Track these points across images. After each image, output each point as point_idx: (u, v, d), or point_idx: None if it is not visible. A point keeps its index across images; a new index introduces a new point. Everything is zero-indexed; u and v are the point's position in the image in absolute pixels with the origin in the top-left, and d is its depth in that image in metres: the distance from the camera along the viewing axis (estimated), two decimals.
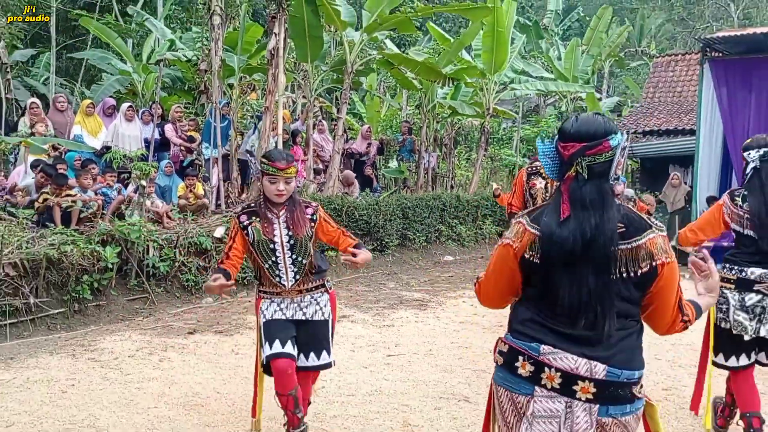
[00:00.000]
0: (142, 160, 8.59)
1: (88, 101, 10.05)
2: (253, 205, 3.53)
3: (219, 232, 8.38)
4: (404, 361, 5.57)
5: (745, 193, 3.69)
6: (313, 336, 3.50)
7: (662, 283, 2.00)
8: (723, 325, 3.70)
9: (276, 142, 9.60)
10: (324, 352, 3.52)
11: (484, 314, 7.22)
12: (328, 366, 3.57)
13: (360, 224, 10.13)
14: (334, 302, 3.64)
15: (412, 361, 5.57)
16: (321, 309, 3.52)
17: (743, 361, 3.70)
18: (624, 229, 1.98)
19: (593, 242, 1.95)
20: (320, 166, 11.65)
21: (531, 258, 2.05)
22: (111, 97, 11.64)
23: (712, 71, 11.92)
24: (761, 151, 3.65)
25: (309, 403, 3.70)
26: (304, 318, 3.48)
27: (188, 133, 10.61)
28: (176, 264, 7.62)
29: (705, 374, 3.98)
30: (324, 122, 12.57)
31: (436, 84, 12.35)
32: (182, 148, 10.49)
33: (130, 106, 10.06)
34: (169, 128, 10.32)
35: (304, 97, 12.26)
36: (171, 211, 8.52)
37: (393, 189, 13.58)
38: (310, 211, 3.52)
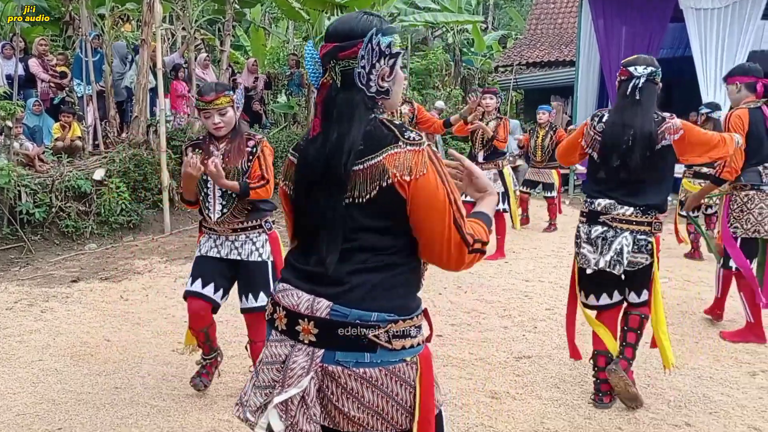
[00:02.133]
0: (6, 98, 7.87)
1: None
2: (200, 138, 3.47)
3: (99, 174, 7.92)
4: None
5: (606, 113, 3.43)
6: (249, 278, 3.43)
7: (414, 208, 1.64)
8: (579, 261, 3.47)
9: (156, 77, 9.08)
10: (262, 294, 3.41)
11: None
12: (263, 309, 3.46)
13: None
14: (276, 243, 3.51)
15: None
16: (258, 249, 3.43)
17: (604, 300, 3.49)
18: (362, 146, 1.65)
19: (331, 162, 1.66)
20: None
21: (287, 189, 1.81)
22: None
23: (590, 3, 12.32)
24: (649, 69, 3.33)
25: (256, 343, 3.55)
26: (239, 258, 3.41)
27: (57, 69, 9.80)
28: (53, 210, 7.18)
29: (574, 316, 3.60)
30: (207, 55, 11.97)
31: (323, 14, 12.03)
32: (51, 84, 9.70)
33: None
34: (34, 63, 9.48)
35: (183, 29, 11.60)
36: (43, 153, 7.94)
37: (283, 125, 13.30)
38: (251, 143, 3.40)
